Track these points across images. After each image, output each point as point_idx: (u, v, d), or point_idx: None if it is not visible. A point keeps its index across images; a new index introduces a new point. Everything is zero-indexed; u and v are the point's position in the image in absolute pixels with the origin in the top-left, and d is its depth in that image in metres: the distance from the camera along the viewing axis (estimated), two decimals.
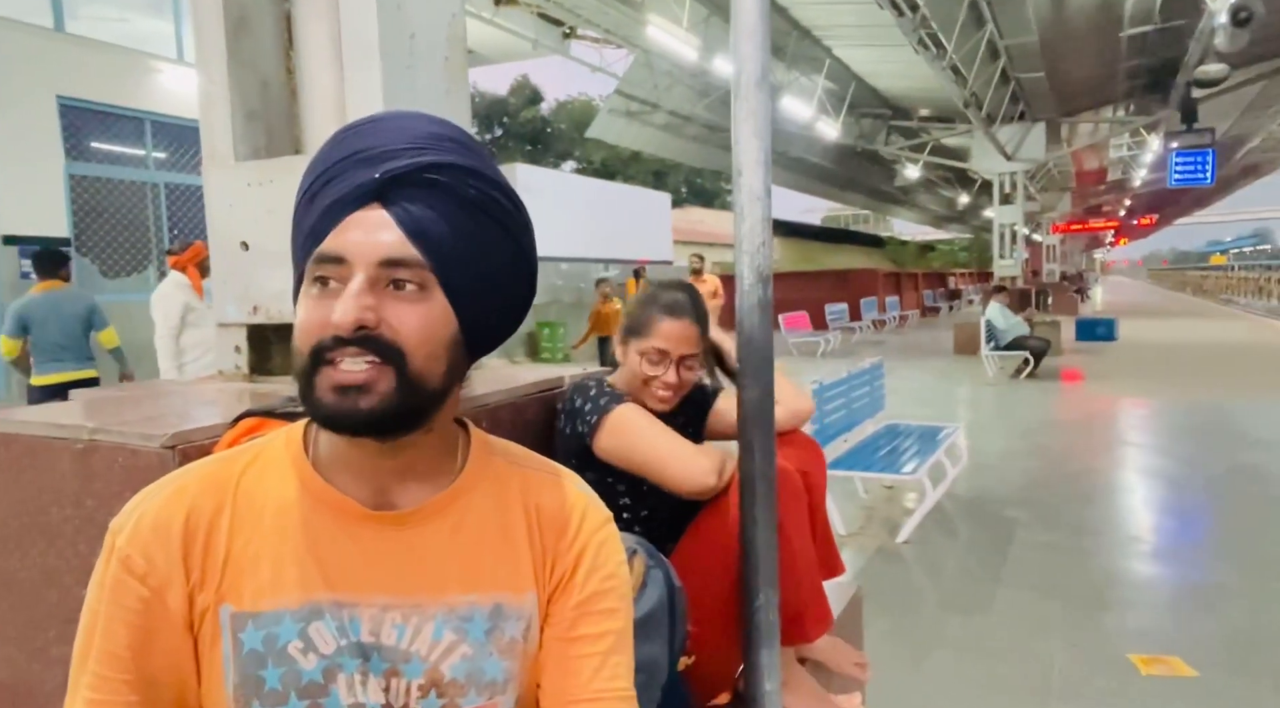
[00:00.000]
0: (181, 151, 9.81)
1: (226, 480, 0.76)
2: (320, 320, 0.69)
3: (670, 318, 1.52)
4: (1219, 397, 8.73)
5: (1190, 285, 45.02)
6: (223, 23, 1.61)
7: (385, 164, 0.70)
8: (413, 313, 0.70)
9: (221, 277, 1.63)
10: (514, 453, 0.86)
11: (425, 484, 0.78)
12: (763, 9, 1.25)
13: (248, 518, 0.75)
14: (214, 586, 0.73)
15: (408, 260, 0.70)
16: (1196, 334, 16.61)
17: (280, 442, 0.79)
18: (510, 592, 0.78)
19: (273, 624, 0.72)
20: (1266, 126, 21.91)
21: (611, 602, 0.81)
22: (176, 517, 0.73)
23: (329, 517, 0.75)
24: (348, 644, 0.73)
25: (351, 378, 0.68)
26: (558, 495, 0.83)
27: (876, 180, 24.62)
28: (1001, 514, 4.75)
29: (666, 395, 1.53)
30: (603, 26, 11.88)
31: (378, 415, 0.69)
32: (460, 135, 0.76)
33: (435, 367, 0.72)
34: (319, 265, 0.70)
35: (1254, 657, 2.95)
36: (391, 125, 0.74)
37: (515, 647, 0.77)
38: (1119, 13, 10.98)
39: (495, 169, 0.76)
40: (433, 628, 0.75)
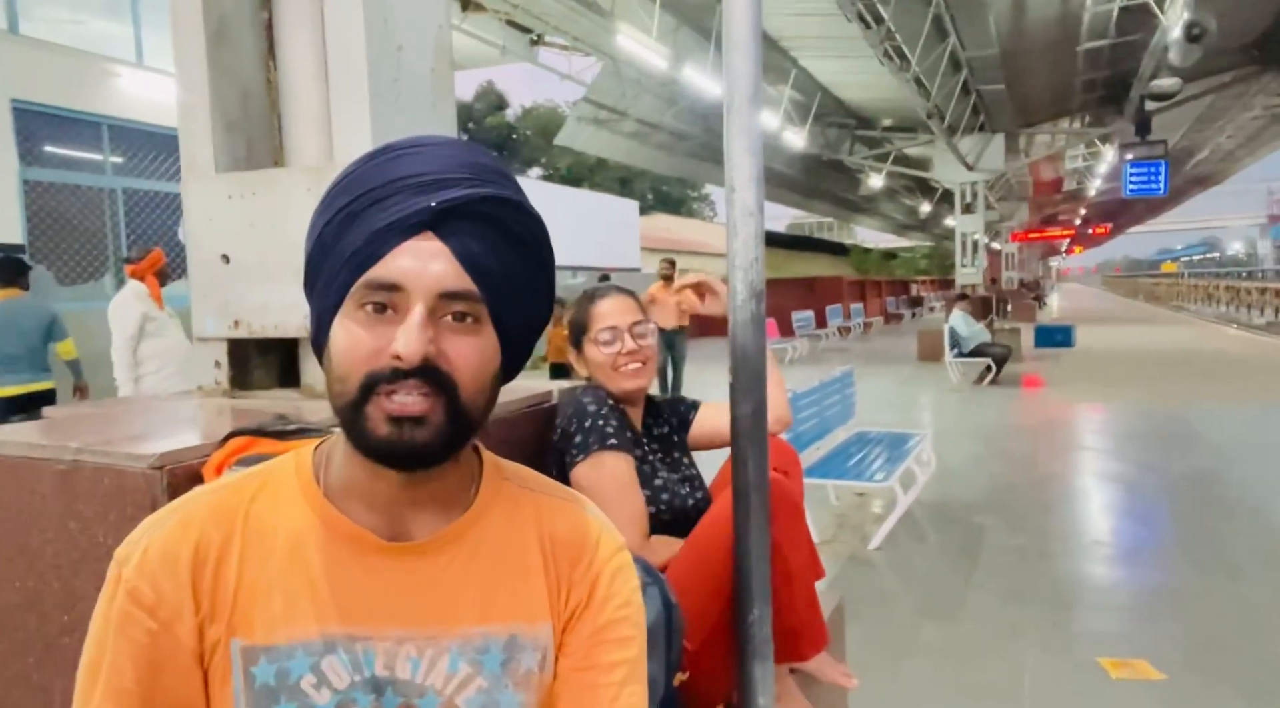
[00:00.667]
0: (140, 157, 9.60)
1: (235, 508, 0.74)
2: (375, 348, 0.68)
3: (600, 299, 1.65)
4: (1174, 402, 8.96)
5: (1143, 292, 46.15)
6: (203, 31, 1.58)
7: (440, 193, 0.69)
8: (469, 346, 0.70)
9: (201, 290, 1.59)
10: (525, 477, 0.85)
11: (440, 513, 0.77)
12: (754, 26, 1.26)
13: (258, 548, 0.73)
14: (224, 618, 0.71)
15: (466, 293, 0.69)
16: (1150, 340, 17.04)
17: (289, 467, 0.77)
18: (525, 622, 0.77)
19: (285, 659, 0.71)
20: (1215, 139, 22.65)
21: (626, 630, 0.80)
22: (185, 547, 0.71)
23: (343, 548, 0.73)
24: (361, 680, 0.71)
25: (408, 409, 0.67)
26: (571, 522, 0.82)
27: (841, 189, 24.93)
28: (970, 520, 4.82)
29: (635, 367, 1.59)
30: (571, 34, 11.89)
31: (432, 448, 0.69)
32: (503, 167, 0.76)
33: (481, 399, 0.72)
34: (371, 291, 0.68)
35: (1218, 659, 3.03)
36: (440, 152, 0.72)
37: (531, 678, 0.76)
38: (1076, 27, 11.27)
39: (531, 204, 0.76)
40: (448, 660, 0.73)
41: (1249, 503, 5.01)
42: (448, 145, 0.74)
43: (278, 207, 1.50)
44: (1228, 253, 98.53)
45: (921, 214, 31.09)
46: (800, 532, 1.45)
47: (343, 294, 0.70)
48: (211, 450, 1.12)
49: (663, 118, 15.44)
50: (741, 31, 1.25)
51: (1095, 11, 10.49)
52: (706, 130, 16.35)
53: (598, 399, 1.56)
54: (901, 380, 11.37)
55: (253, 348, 1.66)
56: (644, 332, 1.62)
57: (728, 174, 1.26)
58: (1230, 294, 28.33)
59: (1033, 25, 11.39)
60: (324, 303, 0.73)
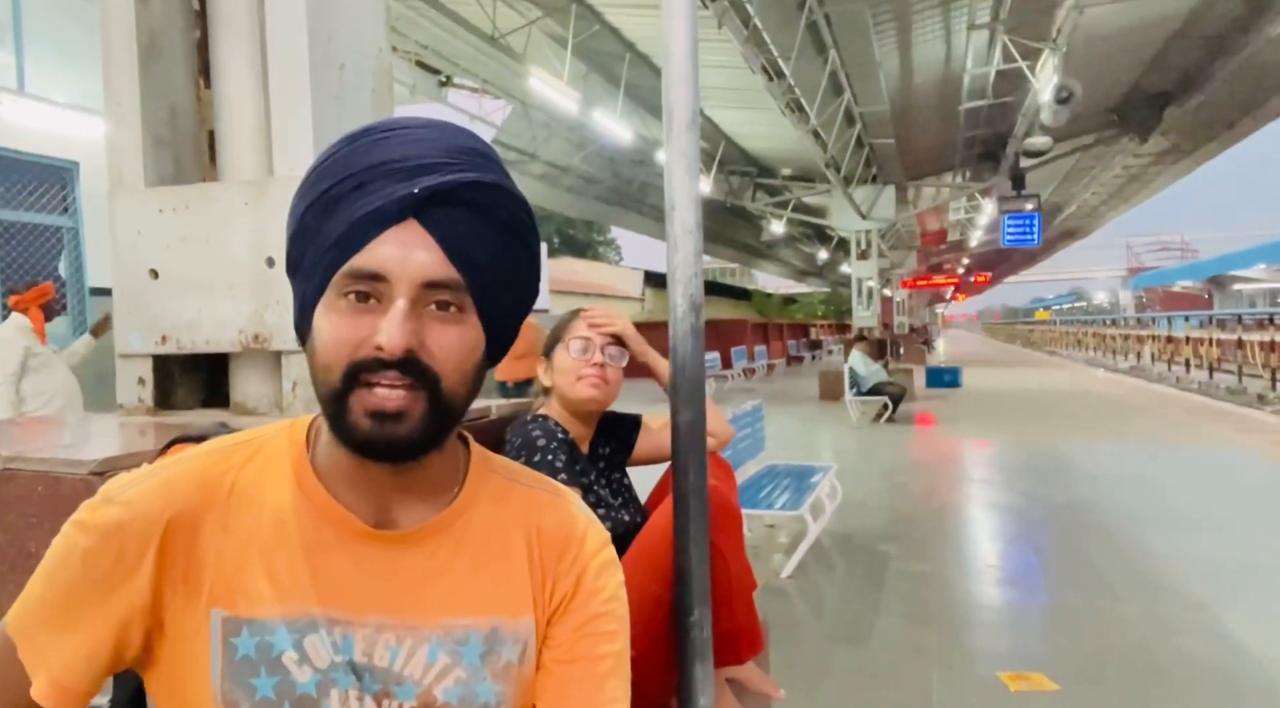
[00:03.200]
0: (17, 188, 9.06)
1: (220, 478, 0.73)
2: (358, 338, 0.67)
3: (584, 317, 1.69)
4: (1053, 437, 9.55)
5: (1019, 338, 49.13)
6: (134, 47, 1.57)
7: (422, 178, 0.67)
8: (452, 336, 0.70)
9: (125, 306, 1.55)
10: (513, 471, 0.85)
11: (426, 502, 0.77)
12: (692, 57, 1.35)
13: (243, 520, 0.72)
14: (203, 588, 0.70)
15: (450, 283, 0.69)
16: (1029, 381, 18.15)
17: (283, 440, 0.77)
18: (508, 615, 0.77)
19: (268, 633, 0.70)
20: (1081, 195, 24.54)
21: (610, 624, 0.81)
22: (161, 508, 0.70)
23: (329, 530, 0.73)
24: (343, 661, 0.71)
25: (389, 404, 0.67)
26: (558, 516, 0.82)
27: (744, 235, 25.73)
28: (874, 548, 5.00)
29: (598, 379, 1.62)
30: (481, 77, 11.99)
31: (413, 442, 0.69)
32: (488, 149, 0.74)
33: (463, 389, 0.72)
34: (354, 280, 0.68)
35: (1104, 670, 3.24)
36: (422, 135, 0.71)
37: (510, 671, 0.76)
38: (958, 88, 12.12)
39: (515, 184, 0.75)
40: (427, 650, 0.73)
41: (1124, 529, 5.38)
42: (430, 127, 0.72)
43: (213, 220, 1.49)
44: (1094, 302, 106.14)
45: (819, 260, 32.35)
46: (739, 540, 1.51)
47: (325, 281, 0.69)
48: (152, 457, 1.09)
49: (571, 161, 15.67)
50: (681, 61, 1.34)
51: (974, 74, 11.33)
52: (615, 174, 16.68)
53: (546, 432, 1.57)
54: (805, 419, 11.72)
55: (176, 365, 1.62)
56: (616, 354, 1.65)
57: (668, 194, 1.33)
58: (1097, 340, 30.50)
59: (919, 85, 12.20)
60: (306, 289, 0.72)
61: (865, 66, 11.06)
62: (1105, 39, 10.39)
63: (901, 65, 11.35)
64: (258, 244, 1.44)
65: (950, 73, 11.73)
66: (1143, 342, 24.48)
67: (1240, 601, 3.96)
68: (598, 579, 0.81)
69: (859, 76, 11.49)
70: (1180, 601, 3.97)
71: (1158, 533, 5.24)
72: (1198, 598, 3.99)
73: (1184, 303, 45.75)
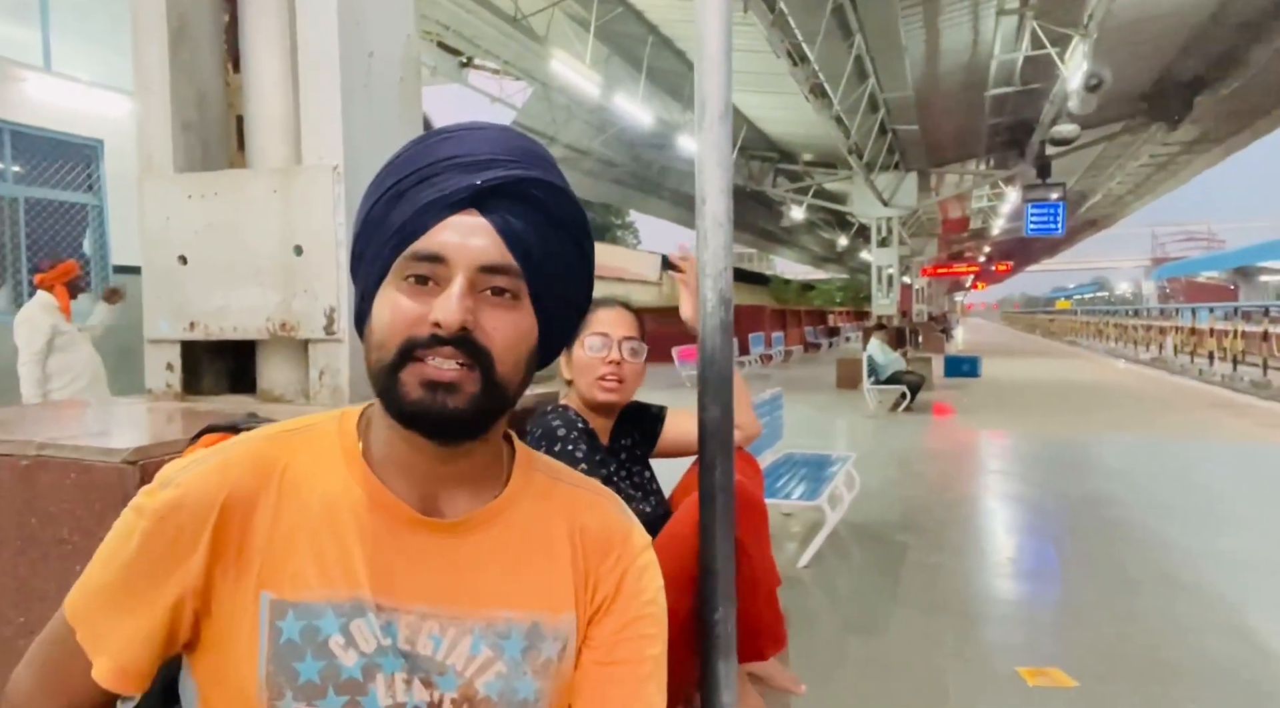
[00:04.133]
0: (45, 166, 9.14)
1: (274, 462, 0.75)
2: (416, 316, 0.70)
3: (601, 306, 1.67)
4: (1072, 429, 9.47)
5: (1039, 328, 48.63)
6: (165, 31, 1.56)
7: (485, 172, 0.71)
8: (507, 320, 0.72)
9: (155, 292, 1.56)
10: (557, 470, 0.87)
11: (472, 494, 0.78)
12: (726, 46, 1.33)
13: (294, 503, 0.74)
14: (253, 569, 0.72)
15: (507, 268, 0.72)
16: (1048, 372, 17.99)
17: (333, 427, 0.78)
18: (549, 610, 0.78)
19: (314, 617, 0.71)
20: (1106, 184, 24.19)
21: (650, 628, 0.82)
22: (219, 489, 0.72)
23: (378, 517, 0.74)
24: (390, 645, 0.72)
25: (442, 375, 0.69)
26: (601, 516, 0.84)
27: (763, 220, 25.56)
28: (891, 539, 4.98)
29: (613, 382, 1.61)
30: (503, 58, 11.94)
31: (463, 416, 0.70)
32: (547, 154, 0.78)
33: (515, 375, 0.74)
34: (414, 263, 0.71)
35: (1123, 666, 3.21)
36: (488, 135, 0.75)
37: (550, 667, 0.77)
38: (984, 74, 11.95)
39: (571, 187, 0.79)
40: (470, 642, 0.74)
41: (1144, 524, 5.33)
42: (496, 129, 0.77)
43: (241, 207, 1.49)
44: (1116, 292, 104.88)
45: (839, 247, 32.12)
46: (764, 537, 1.50)
47: (387, 267, 0.72)
48: (184, 447, 1.10)
49: (591, 144, 15.61)
50: (714, 50, 1.32)
51: (1002, 60, 11.16)
52: (634, 158, 16.60)
53: (566, 422, 1.56)
54: (821, 407, 11.68)
55: (204, 351, 1.63)
56: (634, 349, 1.64)
57: (699, 186, 1.31)
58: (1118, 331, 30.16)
59: (945, 71, 12.03)
60: (369, 277, 0.75)
61: (891, 51, 10.92)
62: (1136, 25, 10.20)
63: (928, 50, 11.20)
64: (285, 232, 1.44)
65: (977, 58, 11.55)
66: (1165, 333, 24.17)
67: (1263, 598, 3.91)
68: (639, 581, 0.82)
69: (884, 62, 11.35)
70: (1201, 597, 3.93)
71: (1179, 528, 5.19)
72: (1220, 595, 3.95)
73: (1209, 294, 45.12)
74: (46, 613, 1.11)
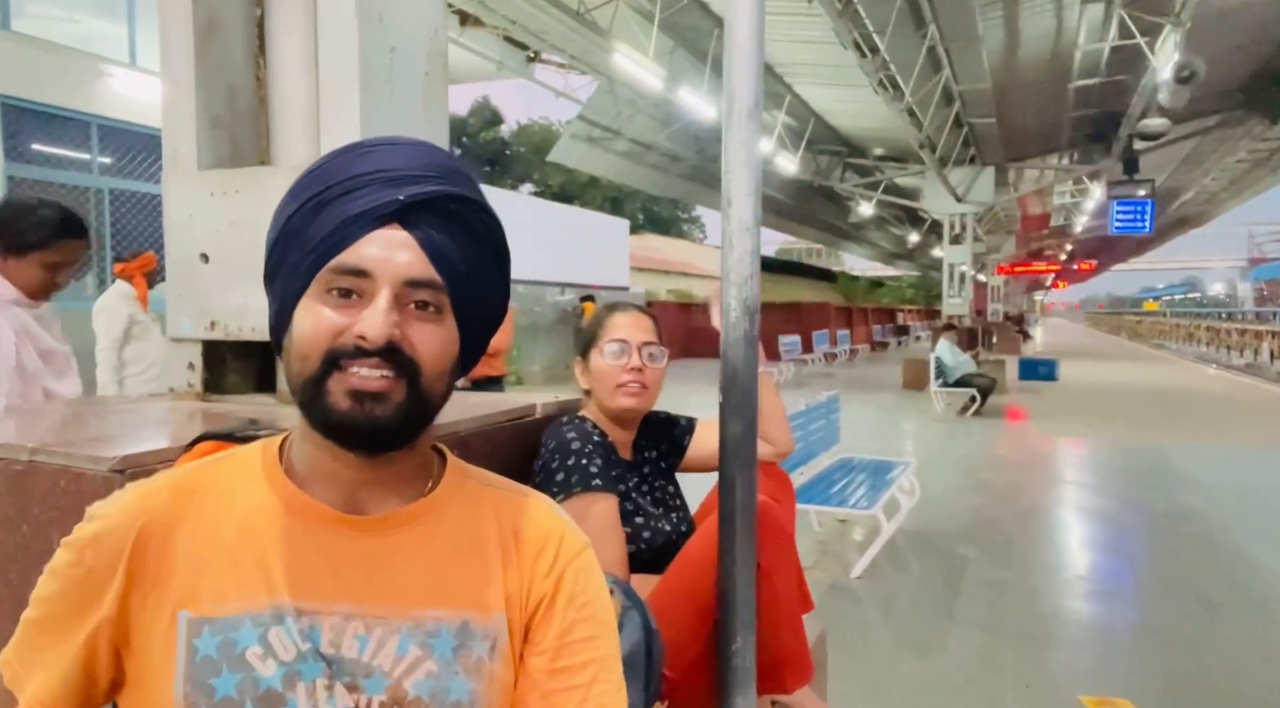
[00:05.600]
0: (129, 158, 9.52)
1: (194, 487, 0.76)
2: (338, 327, 0.70)
3: (618, 311, 1.61)
4: (1156, 438, 8.99)
5: (1125, 330, 46.65)
6: (191, 25, 1.54)
7: (410, 187, 0.72)
8: (432, 334, 0.73)
9: (178, 290, 1.55)
10: (489, 478, 0.87)
11: (397, 494, 0.78)
12: (757, 41, 1.23)
13: (211, 522, 0.74)
14: (170, 592, 0.71)
15: (430, 281, 0.73)
16: (1133, 377, 17.17)
17: (257, 451, 0.79)
18: (478, 610, 0.77)
19: (231, 629, 0.70)
20: (1199, 181, 22.98)
21: (591, 629, 0.80)
22: (134, 520, 0.72)
23: (296, 521, 0.74)
24: (308, 652, 0.70)
25: (368, 385, 0.69)
26: (534, 518, 0.83)
27: (831, 216, 25.10)
28: (952, 550, 4.78)
29: (635, 388, 1.53)
30: (568, 52, 11.95)
31: (390, 424, 0.71)
32: (464, 168, 0.79)
33: (440, 386, 0.75)
34: (338, 276, 0.71)
35: (1198, 699, 3.00)
36: (409, 151, 0.76)
37: (482, 667, 0.75)
38: (1068, 65, 11.42)
39: (490, 204, 0.81)
40: (397, 642, 0.73)
41: (1229, 542, 5.00)
42: (415, 145, 0.78)
43: (261, 205, 1.46)
44: (1208, 294, 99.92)
45: (909, 244, 31.32)
46: (789, 559, 1.40)
47: (308, 280, 0.73)
48: (177, 454, 1.06)
49: (656, 138, 15.52)
50: (744, 47, 1.23)
51: (1087, 50, 10.64)
52: (699, 152, 16.44)
53: (582, 434, 1.48)
54: (886, 408, 11.38)
55: (228, 351, 1.61)
56: (654, 354, 1.57)
57: (725, 188, 1.23)
58: (1210, 334, 28.68)
59: (1025, 61, 11.55)
60: (287, 290, 0.75)
61: (967, 41, 10.52)
62: (1233, 14, 9.60)
63: (1006, 40, 10.76)
64: None
65: (1060, 48, 11.04)
66: (1261, 338, 22.85)
67: None
68: (576, 583, 0.81)
69: (959, 52, 10.94)
70: None
71: (1266, 548, 4.86)
72: None
73: None
74: None
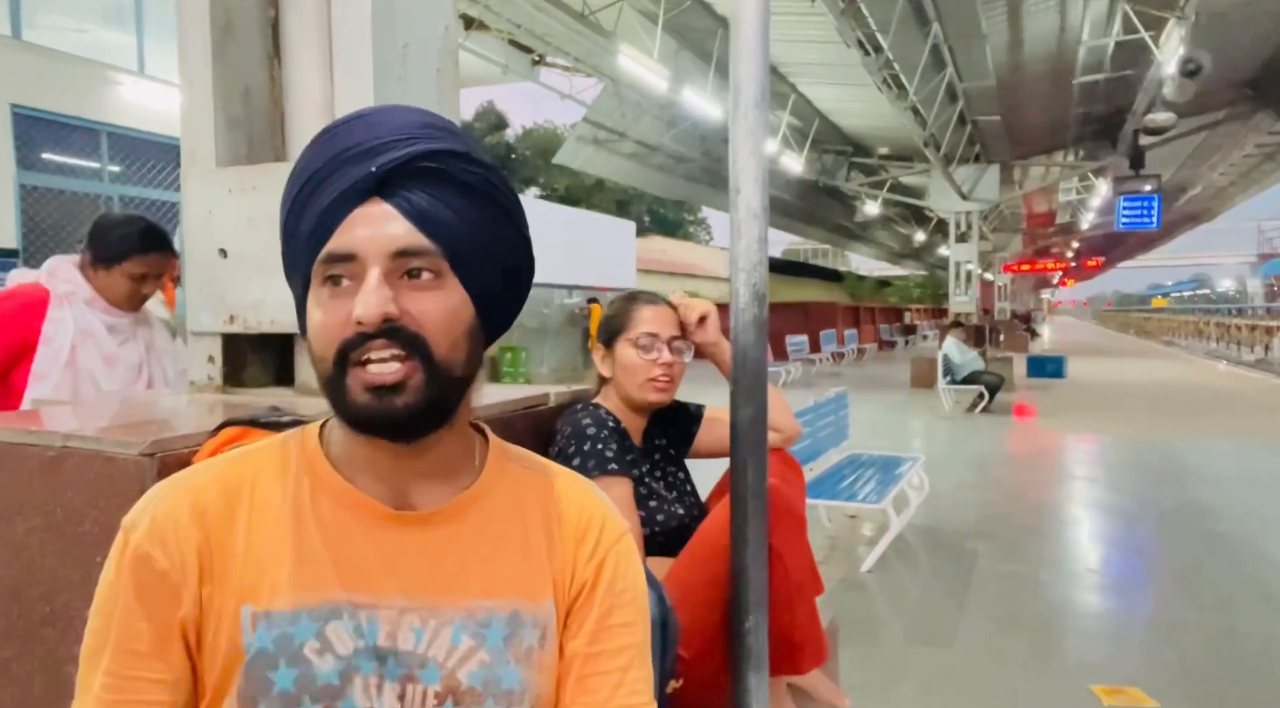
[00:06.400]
0: (139, 165, 9.61)
1: (241, 480, 0.75)
2: (340, 320, 0.68)
3: (650, 305, 1.61)
4: (1166, 435, 8.97)
5: (1134, 327, 46.43)
6: (209, 29, 1.58)
7: (379, 157, 0.69)
8: (432, 301, 0.70)
9: (197, 284, 1.58)
10: (531, 459, 0.86)
11: (445, 486, 0.77)
12: (762, 32, 1.26)
13: (265, 517, 0.73)
14: (232, 586, 0.71)
15: (420, 249, 0.69)
16: (1141, 374, 17.12)
17: (295, 441, 0.78)
18: (527, 599, 0.77)
19: (288, 624, 0.70)
20: (1207, 176, 22.89)
21: (629, 615, 0.80)
22: (192, 515, 0.71)
23: (348, 516, 0.74)
24: (365, 647, 0.71)
25: (384, 377, 0.68)
26: (578, 503, 0.82)
27: (837, 215, 25.08)
28: (962, 545, 4.79)
29: (665, 383, 1.56)
30: (573, 55, 11.99)
31: (414, 412, 0.69)
32: (445, 122, 0.75)
33: (458, 354, 0.72)
34: (328, 266, 0.69)
35: (1210, 688, 3.01)
36: (375, 119, 0.72)
37: (532, 655, 0.76)
38: (1072, 61, 11.42)
39: (484, 152, 0.76)
40: (450, 633, 0.73)
41: (1241, 537, 5.00)
42: (384, 111, 0.74)
43: (277, 200, 1.48)
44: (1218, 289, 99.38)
45: (916, 242, 31.28)
46: (801, 542, 1.43)
47: (308, 276, 0.71)
48: (204, 439, 1.10)
49: (662, 140, 15.55)
50: (749, 38, 1.25)
51: (1091, 46, 10.63)
52: (705, 153, 16.46)
53: (597, 421, 1.52)
54: (894, 406, 11.38)
55: (247, 344, 1.64)
56: (681, 348, 1.59)
57: (732, 177, 1.25)
58: (1220, 330, 28.53)
59: (1029, 58, 11.54)
60: (296, 288, 0.75)
61: (970, 39, 10.52)
62: (1238, 6, 9.58)
63: (1010, 37, 10.76)
64: None
65: (1064, 45, 11.04)
66: (1272, 333, 22.73)
67: None
68: (617, 568, 0.81)
69: (963, 50, 10.94)
70: None
71: (1278, 541, 4.85)
72: None
73: None
74: (71, 601, 1.13)
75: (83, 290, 2.08)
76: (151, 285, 2.20)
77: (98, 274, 2.10)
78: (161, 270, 2.21)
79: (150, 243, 2.16)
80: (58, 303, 2.04)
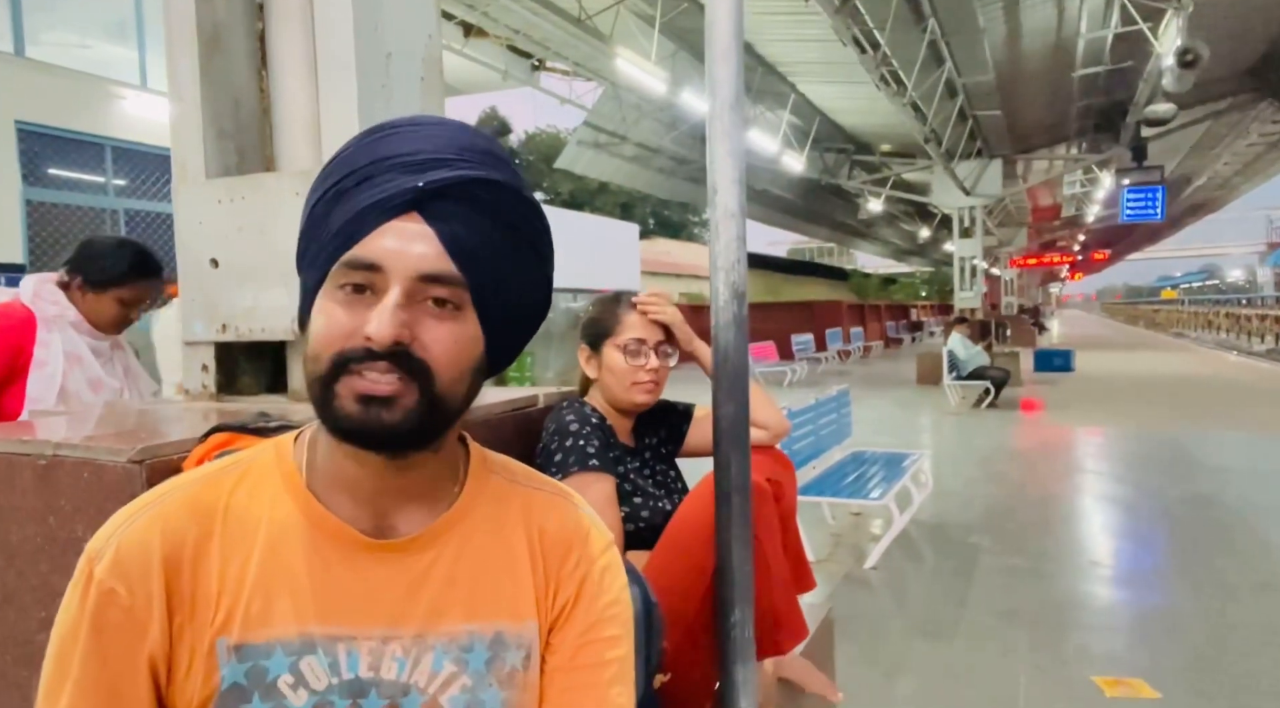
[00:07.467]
0: (143, 178, 9.68)
1: (213, 504, 0.72)
2: (349, 328, 0.66)
3: (634, 310, 1.61)
4: (1173, 427, 8.94)
5: (1143, 319, 46.24)
6: (196, 42, 1.60)
7: (429, 173, 0.67)
8: (447, 333, 0.68)
9: (189, 294, 1.60)
10: (514, 471, 0.84)
11: (425, 507, 0.75)
12: (736, 34, 1.28)
13: (240, 545, 0.70)
14: (204, 617, 0.68)
15: (448, 277, 0.67)
16: (1150, 366, 17.04)
17: (269, 457, 0.75)
18: (511, 620, 0.76)
19: (262, 657, 0.68)
20: (1212, 166, 22.80)
21: (613, 629, 0.79)
22: (158, 546, 0.68)
23: (326, 544, 0.71)
24: (340, 682, 0.69)
25: (377, 389, 0.65)
26: (560, 518, 0.81)
27: (840, 214, 25.08)
28: (965, 540, 4.79)
29: (651, 387, 1.58)
30: (572, 59, 12.03)
31: (400, 430, 0.67)
32: (498, 149, 0.73)
33: (459, 388, 0.70)
34: (350, 271, 0.67)
35: (1213, 679, 3.00)
36: (432, 132, 0.70)
37: (515, 677, 0.75)
38: (1071, 54, 11.40)
39: (528, 187, 0.73)
40: (432, 659, 0.72)
41: (1247, 528, 4.98)
42: (441, 125, 0.72)
43: (266, 210, 1.51)
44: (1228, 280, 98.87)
45: (920, 239, 31.23)
46: (778, 525, 1.44)
47: (325, 272, 0.69)
48: (192, 446, 1.12)
49: (662, 142, 15.59)
50: (723, 39, 1.27)
51: (1089, 38, 10.62)
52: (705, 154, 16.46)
53: (580, 417, 1.53)
54: (900, 403, 11.36)
55: (240, 352, 1.67)
56: (668, 352, 1.60)
57: (710, 177, 1.27)
58: (1230, 321, 28.38)
59: (1027, 52, 11.53)
60: (307, 280, 0.72)
61: (968, 34, 10.52)
62: None
63: (1008, 31, 10.75)
64: None
65: (1063, 38, 11.02)
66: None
67: None
68: (600, 583, 0.80)
69: (961, 45, 10.94)
70: None
71: None
72: None
73: None
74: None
75: (69, 313, 2.06)
76: (138, 311, 2.18)
77: (85, 297, 2.09)
78: (151, 296, 2.21)
79: (144, 269, 2.16)
80: (46, 326, 2.02)
